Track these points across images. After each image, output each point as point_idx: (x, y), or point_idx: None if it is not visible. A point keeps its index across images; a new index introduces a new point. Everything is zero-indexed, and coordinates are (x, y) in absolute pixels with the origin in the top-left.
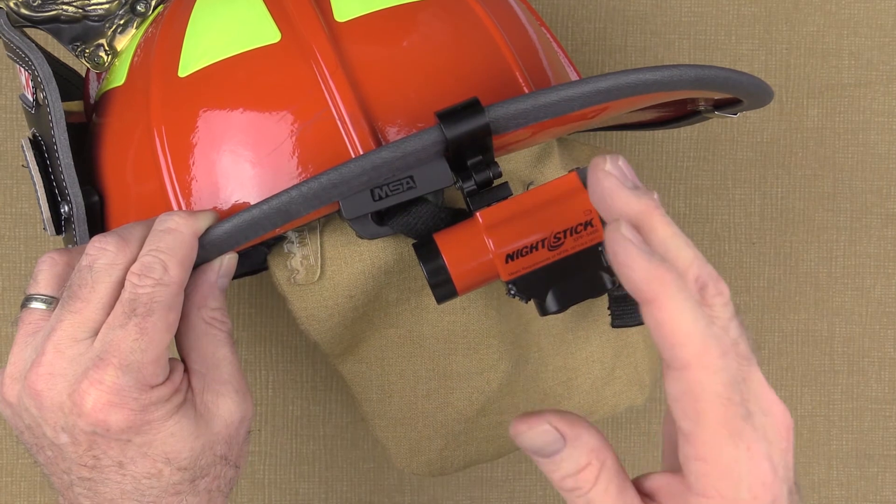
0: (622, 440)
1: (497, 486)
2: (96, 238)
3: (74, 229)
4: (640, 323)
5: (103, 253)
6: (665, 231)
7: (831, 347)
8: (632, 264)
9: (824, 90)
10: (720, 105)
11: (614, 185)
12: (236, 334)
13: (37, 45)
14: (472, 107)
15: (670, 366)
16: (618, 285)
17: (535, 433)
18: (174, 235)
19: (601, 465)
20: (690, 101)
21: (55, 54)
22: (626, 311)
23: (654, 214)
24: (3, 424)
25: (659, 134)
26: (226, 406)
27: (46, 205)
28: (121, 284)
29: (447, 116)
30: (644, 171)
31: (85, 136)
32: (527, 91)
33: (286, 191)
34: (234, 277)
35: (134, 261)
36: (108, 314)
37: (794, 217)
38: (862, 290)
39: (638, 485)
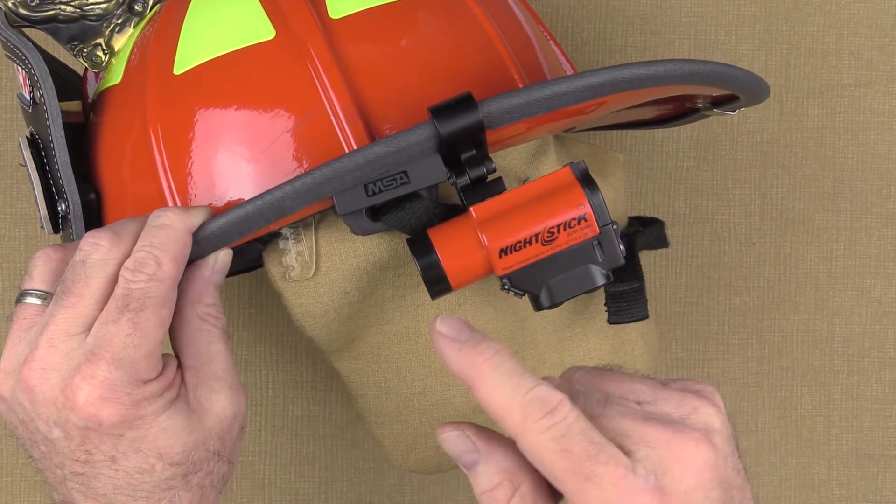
0: None
1: None
2: (90, 233)
3: (71, 227)
4: (638, 319)
5: (97, 248)
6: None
7: (831, 347)
8: (445, 358)
9: (824, 90)
10: (718, 102)
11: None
12: (236, 334)
13: (34, 44)
14: (465, 101)
15: (510, 436)
16: (613, 280)
17: (451, 438)
18: (168, 231)
19: (514, 489)
20: (689, 99)
21: (55, 54)
22: (622, 307)
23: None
24: (3, 424)
25: (659, 134)
26: (219, 402)
27: (44, 203)
28: (114, 280)
29: (440, 111)
30: (644, 171)
31: (83, 136)
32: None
33: (279, 186)
34: (230, 274)
35: (128, 256)
36: (102, 309)
37: (794, 217)
38: (862, 290)
39: None
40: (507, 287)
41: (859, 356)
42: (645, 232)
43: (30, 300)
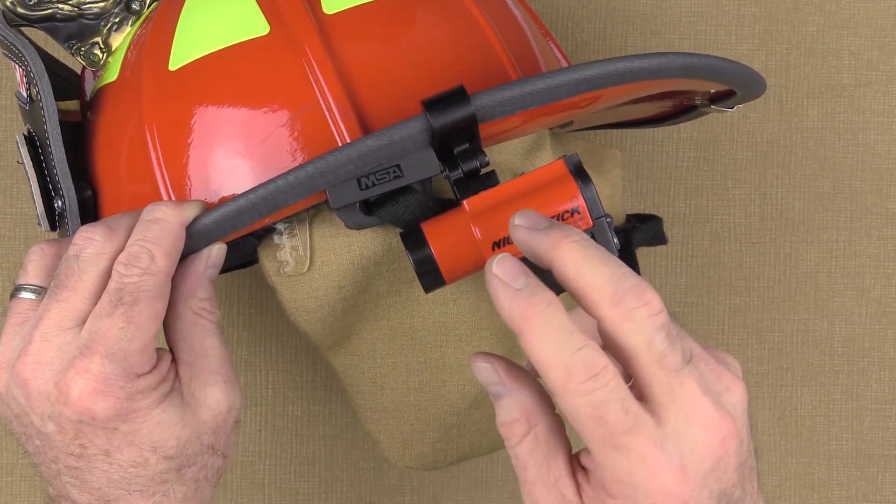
0: None
1: (497, 486)
2: (83, 228)
3: (68, 224)
4: None
5: (90, 242)
6: (573, 257)
7: (831, 347)
8: (498, 302)
9: (824, 90)
10: (716, 99)
11: (522, 235)
12: (236, 334)
13: (31, 41)
14: (457, 95)
15: (549, 390)
16: None
17: (481, 368)
18: (161, 225)
19: (530, 427)
20: (687, 96)
21: (54, 55)
22: None
23: (560, 245)
24: (3, 425)
25: (659, 134)
26: (213, 395)
27: (41, 200)
28: (108, 274)
29: (433, 105)
30: (644, 171)
31: (81, 134)
32: None
33: (272, 180)
34: (226, 269)
35: (121, 250)
36: (96, 303)
37: (794, 217)
38: (862, 290)
39: (579, 457)
40: None
41: (859, 356)
42: (642, 228)
43: (24, 295)
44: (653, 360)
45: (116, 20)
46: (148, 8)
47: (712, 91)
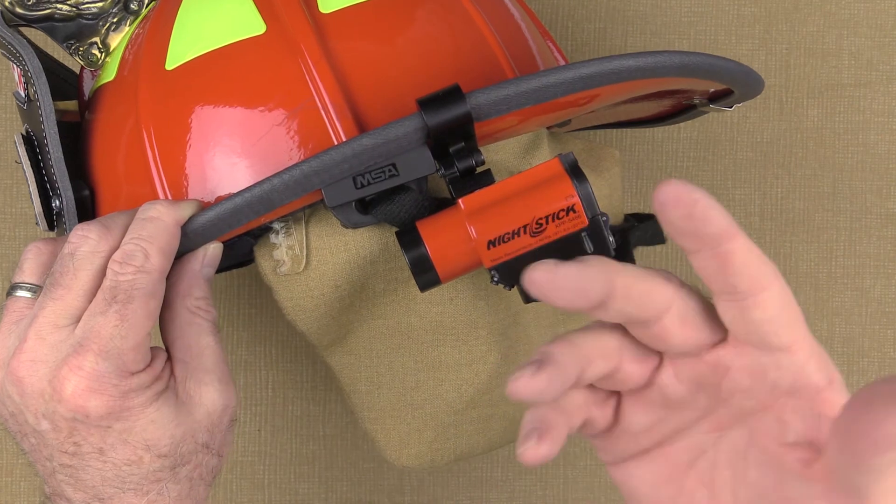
0: None
1: (497, 486)
2: (79, 226)
3: (66, 224)
4: None
5: (85, 241)
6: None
7: (831, 347)
8: (711, 208)
9: (824, 90)
10: (715, 98)
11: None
12: (236, 334)
13: (29, 41)
14: (453, 93)
15: (756, 291)
16: None
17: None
18: (156, 224)
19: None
20: (685, 95)
21: (53, 55)
22: None
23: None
24: (3, 426)
25: (659, 134)
26: (208, 395)
27: (38, 199)
28: (103, 272)
29: (428, 103)
30: (644, 171)
31: (79, 134)
32: None
33: (268, 179)
34: (223, 269)
35: (116, 249)
36: (90, 301)
37: (794, 217)
38: (862, 290)
39: None
40: (495, 279)
41: (859, 356)
42: (640, 227)
43: (20, 293)
44: None
45: (115, 20)
46: (146, 8)
47: (711, 90)
